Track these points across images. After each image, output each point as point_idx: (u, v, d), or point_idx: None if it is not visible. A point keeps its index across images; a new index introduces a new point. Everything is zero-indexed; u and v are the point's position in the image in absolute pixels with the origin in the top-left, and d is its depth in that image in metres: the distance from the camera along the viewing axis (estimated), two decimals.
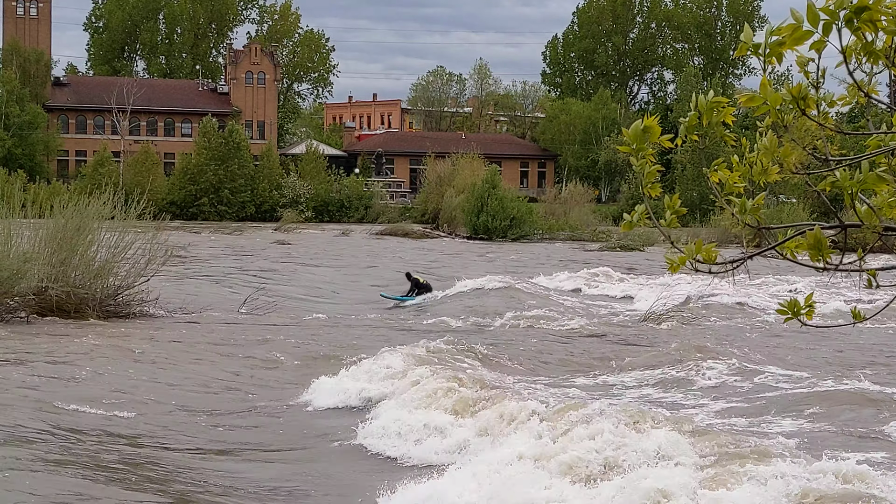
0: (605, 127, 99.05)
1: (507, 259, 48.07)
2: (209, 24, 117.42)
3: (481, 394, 12.31)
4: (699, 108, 3.43)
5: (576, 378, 15.77)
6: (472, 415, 11.70)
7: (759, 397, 13.85)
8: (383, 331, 21.77)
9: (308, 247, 54.34)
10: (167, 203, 77.01)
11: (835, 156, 3.47)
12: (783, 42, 3.14)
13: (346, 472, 10.86)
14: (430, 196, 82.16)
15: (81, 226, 21.66)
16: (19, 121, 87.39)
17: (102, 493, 9.00)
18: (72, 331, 19.33)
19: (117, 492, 9.13)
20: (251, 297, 25.51)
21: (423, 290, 28.83)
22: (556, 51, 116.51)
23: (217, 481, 10.09)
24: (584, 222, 70.61)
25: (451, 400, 12.18)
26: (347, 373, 15.06)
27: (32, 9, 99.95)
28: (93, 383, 14.36)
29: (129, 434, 11.78)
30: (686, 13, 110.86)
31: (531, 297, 27.32)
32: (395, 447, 11.43)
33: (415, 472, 10.34)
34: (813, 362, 17.31)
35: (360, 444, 11.91)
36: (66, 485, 9.07)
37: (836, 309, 23.82)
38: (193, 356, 17.43)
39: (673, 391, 14.69)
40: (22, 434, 10.89)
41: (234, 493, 9.71)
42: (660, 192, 3.63)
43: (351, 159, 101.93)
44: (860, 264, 3.52)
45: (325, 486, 10.30)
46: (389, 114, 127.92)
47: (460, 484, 9.01)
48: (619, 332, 21.63)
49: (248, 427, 12.82)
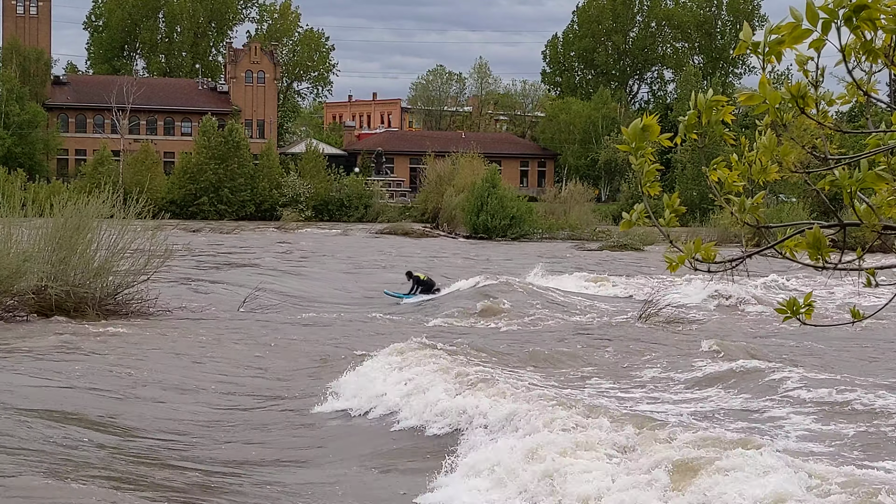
0: (605, 126, 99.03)
1: (507, 258, 48.05)
2: (209, 22, 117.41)
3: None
4: (698, 107, 3.42)
5: (590, 381, 15.76)
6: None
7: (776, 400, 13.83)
8: (383, 331, 21.76)
9: (308, 246, 54.32)
10: (167, 202, 77.05)
11: (834, 154, 3.47)
12: (782, 41, 3.14)
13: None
14: (429, 195, 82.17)
15: (81, 225, 21.65)
16: (19, 119, 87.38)
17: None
18: (71, 330, 19.31)
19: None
20: (251, 297, 25.51)
21: (424, 287, 28.80)
22: (556, 50, 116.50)
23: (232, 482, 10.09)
24: (583, 221, 70.62)
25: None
26: (354, 373, 15.01)
27: (32, 7, 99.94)
28: (92, 383, 14.35)
29: (128, 435, 11.78)
30: (686, 12, 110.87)
31: (531, 297, 27.31)
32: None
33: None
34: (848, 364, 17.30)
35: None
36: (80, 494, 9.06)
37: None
38: (193, 356, 17.42)
39: (685, 393, 14.69)
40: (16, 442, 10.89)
41: (239, 492, 9.71)
42: (659, 191, 3.63)
43: (351, 158, 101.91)
44: (859, 263, 3.51)
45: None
46: (389, 113, 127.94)
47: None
48: (620, 332, 21.62)
49: (251, 429, 12.81)
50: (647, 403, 13.50)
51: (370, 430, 12.53)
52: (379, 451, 11.57)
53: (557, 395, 12.38)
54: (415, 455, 11.23)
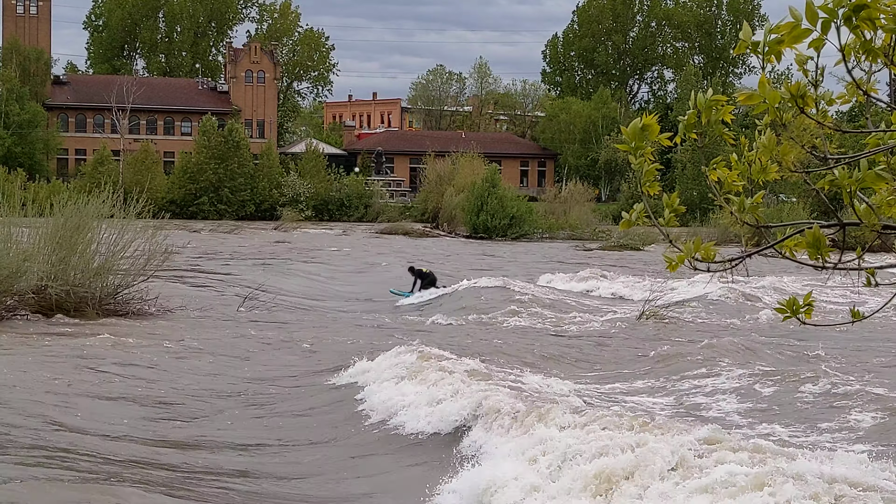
0: (605, 126, 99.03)
1: (507, 258, 48.06)
2: (209, 22, 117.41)
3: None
4: (698, 107, 3.42)
5: (589, 381, 15.77)
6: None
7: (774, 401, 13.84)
8: (383, 330, 21.76)
9: (308, 246, 54.32)
10: (167, 202, 77.03)
11: (834, 154, 3.47)
12: (782, 40, 3.14)
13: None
14: (430, 195, 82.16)
15: (81, 224, 21.64)
16: (19, 119, 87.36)
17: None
18: (71, 330, 19.32)
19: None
20: (250, 296, 25.51)
21: (425, 279, 28.84)
22: (556, 49, 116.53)
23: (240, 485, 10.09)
24: (583, 221, 70.60)
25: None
26: (354, 372, 15.01)
27: (32, 7, 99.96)
28: (92, 383, 14.35)
29: (125, 434, 11.77)
30: (686, 12, 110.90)
31: (531, 296, 27.30)
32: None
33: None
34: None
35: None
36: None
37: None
38: (193, 355, 17.42)
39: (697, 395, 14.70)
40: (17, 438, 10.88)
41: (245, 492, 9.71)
42: (659, 190, 3.63)
43: (351, 158, 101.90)
44: (859, 263, 3.51)
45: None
46: (389, 113, 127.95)
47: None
48: (619, 332, 21.63)
49: (250, 429, 12.81)
50: (645, 403, 13.51)
51: (371, 430, 12.52)
52: (380, 449, 11.57)
53: (557, 394, 12.38)
54: (416, 453, 11.24)
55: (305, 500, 9.64)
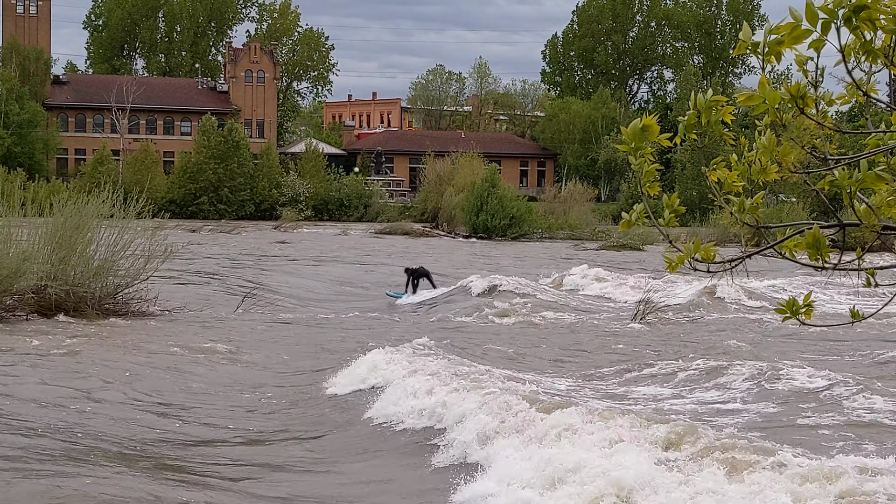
0: (605, 126, 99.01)
1: (507, 258, 48.05)
2: (209, 22, 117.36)
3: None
4: (698, 107, 3.42)
5: (590, 379, 15.77)
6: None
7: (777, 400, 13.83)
8: (383, 330, 21.76)
9: (307, 245, 54.32)
10: (166, 202, 77.02)
11: (833, 155, 3.47)
12: (782, 41, 3.14)
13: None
14: (429, 195, 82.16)
15: (80, 224, 21.64)
16: (19, 119, 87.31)
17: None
18: (70, 329, 19.31)
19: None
20: (249, 296, 25.51)
21: (417, 275, 28.86)
22: (556, 49, 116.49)
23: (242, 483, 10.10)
24: (583, 221, 70.61)
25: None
26: (353, 372, 15.00)
27: (32, 7, 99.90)
28: (91, 383, 14.35)
29: (125, 434, 11.78)
30: (686, 12, 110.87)
31: (530, 296, 27.30)
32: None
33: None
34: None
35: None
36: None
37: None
38: (193, 355, 17.42)
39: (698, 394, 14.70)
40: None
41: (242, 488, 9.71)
42: (659, 190, 3.63)
43: (350, 158, 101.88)
44: (859, 263, 3.51)
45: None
46: (389, 112, 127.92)
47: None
48: (617, 332, 21.63)
49: (258, 429, 12.81)
50: (644, 401, 13.51)
51: (370, 430, 12.53)
52: (379, 449, 11.58)
53: (556, 393, 12.38)
54: (417, 452, 11.24)
55: (305, 498, 9.64)
